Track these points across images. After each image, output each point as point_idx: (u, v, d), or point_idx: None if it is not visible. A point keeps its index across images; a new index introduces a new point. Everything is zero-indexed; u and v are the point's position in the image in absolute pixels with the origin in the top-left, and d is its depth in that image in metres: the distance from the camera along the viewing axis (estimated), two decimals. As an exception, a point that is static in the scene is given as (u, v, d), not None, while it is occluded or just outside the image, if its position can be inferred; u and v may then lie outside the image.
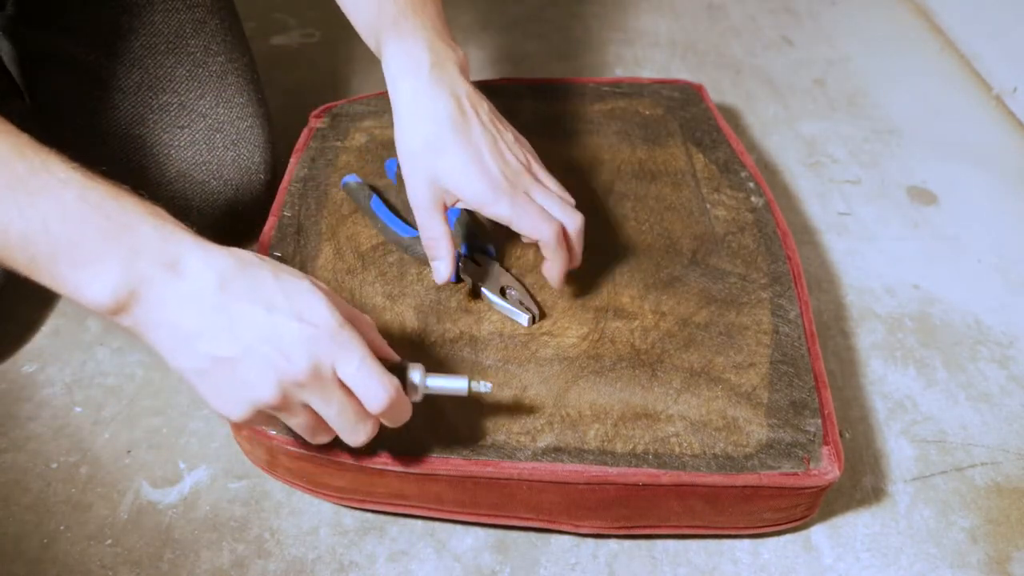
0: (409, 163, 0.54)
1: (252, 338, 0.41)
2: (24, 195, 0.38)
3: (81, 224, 0.39)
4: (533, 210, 0.54)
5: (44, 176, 0.39)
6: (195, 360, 0.41)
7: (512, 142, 0.56)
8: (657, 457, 0.51)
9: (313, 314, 0.42)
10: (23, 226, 0.39)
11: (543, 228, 0.54)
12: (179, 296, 0.41)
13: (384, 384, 0.43)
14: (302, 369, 0.41)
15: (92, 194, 0.40)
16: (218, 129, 0.73)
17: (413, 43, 0.54)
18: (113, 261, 0.40)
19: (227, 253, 0.42)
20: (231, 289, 0.41)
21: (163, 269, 0.40)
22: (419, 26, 0.54)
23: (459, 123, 0.53)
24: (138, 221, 0.40)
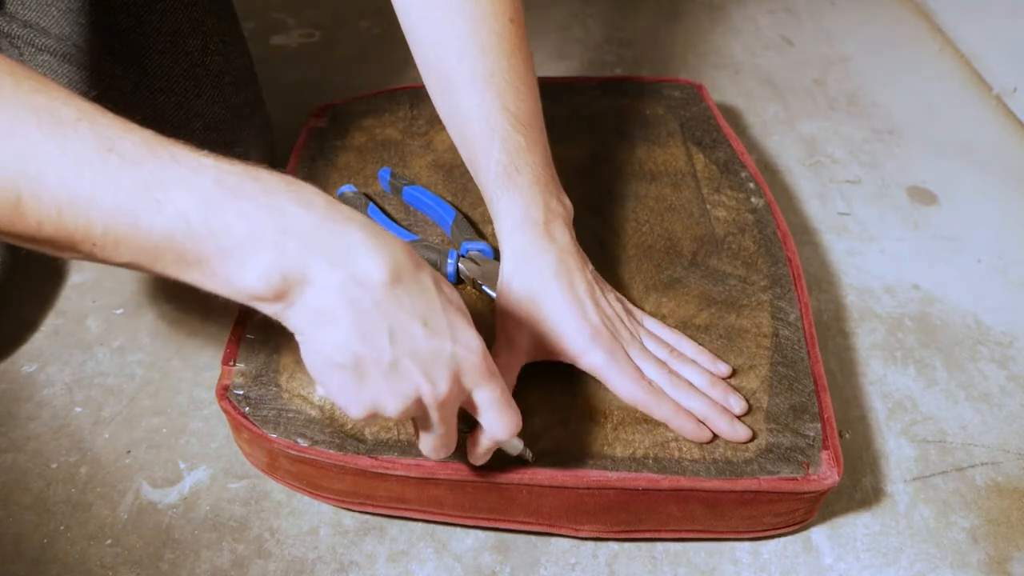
0: (512, 311, 0.54)
1: (406, 351, 0.39)
2: (160, 192, 0.36)
3: (222, 211, 0.36)
4: (628, 369, 0.53)
5: (177, 169, 0.36)
6: (338, 355, 0.39)
7: (613, 300, 0.57)
8: (657, 461, 0.51)
9: (468, 339, 0.42)
10: (164, 224, 0.36)
11: (633, 390, 0.53)
12: (337, 288, 0.38)
13: (516, 417, 0.45)
14: (443, 392, 0.41)
15: (230, 178, 0.37)
16: (215, 128, 0.73)
17: (531, 201, 0.54)
18: (261, 249, 0.37)
19: (395, 245, 0.40)
20: (398, 292, 0.39)
21: (317, 253, 0.37)
22: (532, 180, 0.55)
23: (563, 275, 0.53)
24: (285, 201, 0.37)
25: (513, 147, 0.55)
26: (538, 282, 0.53)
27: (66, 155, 0.35)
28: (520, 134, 0.56)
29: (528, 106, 0.57)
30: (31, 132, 0.35)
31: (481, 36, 0.57)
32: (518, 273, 0.54)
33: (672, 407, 0.53)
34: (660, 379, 0.54)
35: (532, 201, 0.54)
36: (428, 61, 0.60)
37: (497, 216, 0.55)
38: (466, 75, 0.57)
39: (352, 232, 0.38)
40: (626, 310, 0.58)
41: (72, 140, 0.35)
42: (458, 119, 0.58)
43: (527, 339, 0.54)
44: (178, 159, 0.37)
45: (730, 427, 0.52)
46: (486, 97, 0.56)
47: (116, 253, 0.37)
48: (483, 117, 0.56)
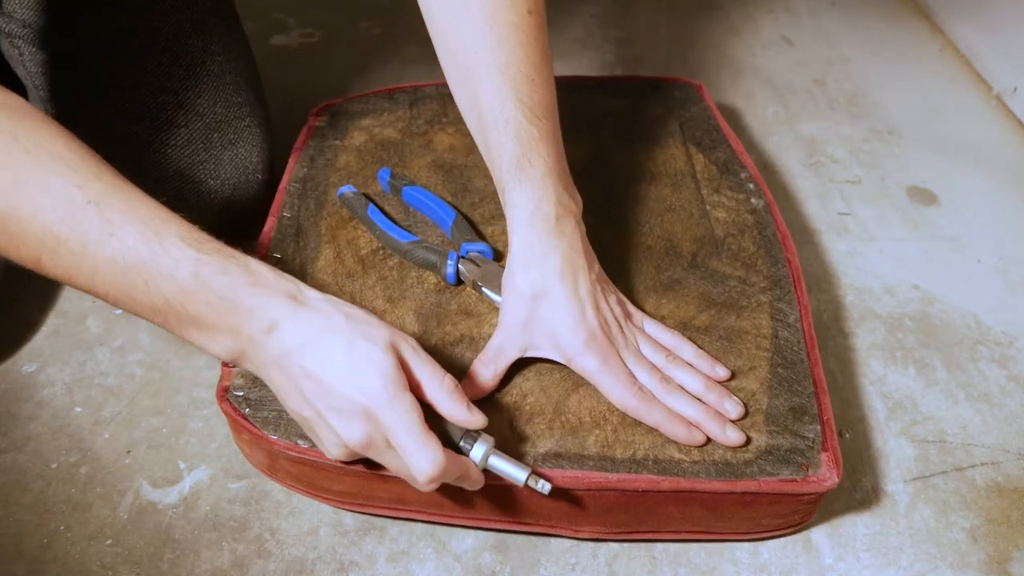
0: (513, 304, 0.55)
1: (321, 406, 0.46)
2: (148, 277, 0.45)
3: (196, 302, 0.45)
4: (620, 375, 0.54)
5: (163, 258, 0.44)
6: (290, 412, 0.49)
7: (615, 303, 0.57)
8: (657, 463, 0.51)
9: (368, 385, 0.45)
10: (151, 301, 0.45)
11: (624, 395, 0.53)
12: (272, 358, 0.46)
13: (426, 456, 0.45)
14: (358, 439, 0.46)
15: (204, 271, 0.45)
16: (215, 128, 0.73)
17: (542, 194, 0.55)
18: (225, 331, 0.46)
19: (315, 317, 0.47)
20: (308, 355, 0.46)
21: (262, 334, 0.46)
22: (545, 172, 0.55)
23: (567, 275, 0.54)
24: (243, 295, 0.46)
25: (527, 139, 0.55)
26: (542, 279, 0.54)
27: (75, 237, 0.44)
28: (534, 126, 0.56)
29: (543, 97, 0.58)
30: (47, 215, 0.44)
31: (498, 28, 0.57)
32: (524, 268, 0.54)
33: (663, 413, 0.53)
34: (652, 385, 0.54)
35: (544, 194, 0.55)
36: (446, 51, 0.60)
37: (508, 206, 0.56)
38: (482, 66, 0.57)
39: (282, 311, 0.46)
40: (626, 313, 0.58)
41: (81, 224, 0.44)
42: (474, 109, 0.59)
43: (524, 334, 0.55)
44: (166, 250, 0.45)
45: (721, 432, 0.53)
46: (501, 89, 0.56)
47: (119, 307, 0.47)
48: (498, 108, 0.56)
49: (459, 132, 0.79)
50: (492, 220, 0.69)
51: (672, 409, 0.54)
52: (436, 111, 0.82)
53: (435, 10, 0.60)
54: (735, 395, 0.55)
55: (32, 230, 0.44)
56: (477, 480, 0.49)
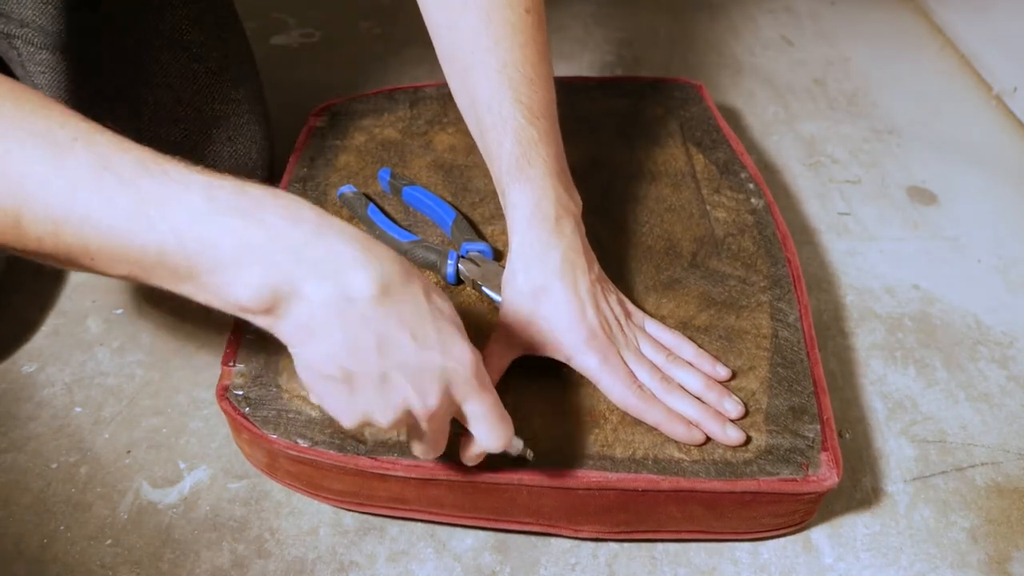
0: (513, 304, 0.54)
1: (394, 363, 0.40)
2: (153, 208, 0.37)
3: (212, 226, 0.37)
4: (620, 373, 0.54)
5: (169, 186, 0.37)
6: (328, 367, 0.40)
7: (615, 302, 0.57)
8: (657, 463, 0.51)
9: (458, 351, 0.42)
10: (158, 240, 0.37)
11: (624, 394, 0.53)
12: (326, 302, 0.38)
13: (507, 430, 0.45)
14: (432, 405, 0.42)
15: (220, 192, 0.38)
16: (214, 124, 0.73)
17: (542, 194, 0.54)
18: (252, 264, 0.37)
19: (384, 258, 0.40)
20: (386, 305, 0.39)
21: (306, 268, 0.38)
22: (544, 172, 0.55)
23: (567, 274, 0.53)
24: (273, 215, 0.38)
25: (526, 139, 0.55)
26: (541, 279, 0.54)
27: (62, 176, 0.36)
28: (533, 126, 0.56)
29: (541, 97, 0.57)
30: (29, 155, 0.36)
31: (495, 27, 0.57)
32: (524, 267, 0.54)
33: (662, 412, 0.53)
34: (652, 383, 0.54)
35: (544, 194, 0.55)
36: (445, 51, 0.60)
37: (508, 207, 0.56)
38: (480, 66, 0.57)
39: (341, 246, 0.39)
40: (626, 312, 0.58)
41: (68, 161, 0.37)
42: (473, 110, 0.59)
43: (524, 333, 0.54)
44: (170, 176, 0.37)
45: (722, 431, 0.52)
46: (499, 89, 0.56)
47: (112, 267, 0.38)
48: (496, 109, 0.56)
49: (459, 132, 0.79)
50: (492, 220, 0.69)
51: (672, 408, 0.54)
52: (436, 111, 0.82)
53: (433, 10, 0.60)
54: (735, 395, 0.55)
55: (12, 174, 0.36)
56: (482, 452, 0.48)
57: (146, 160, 0.38)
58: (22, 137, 0.37)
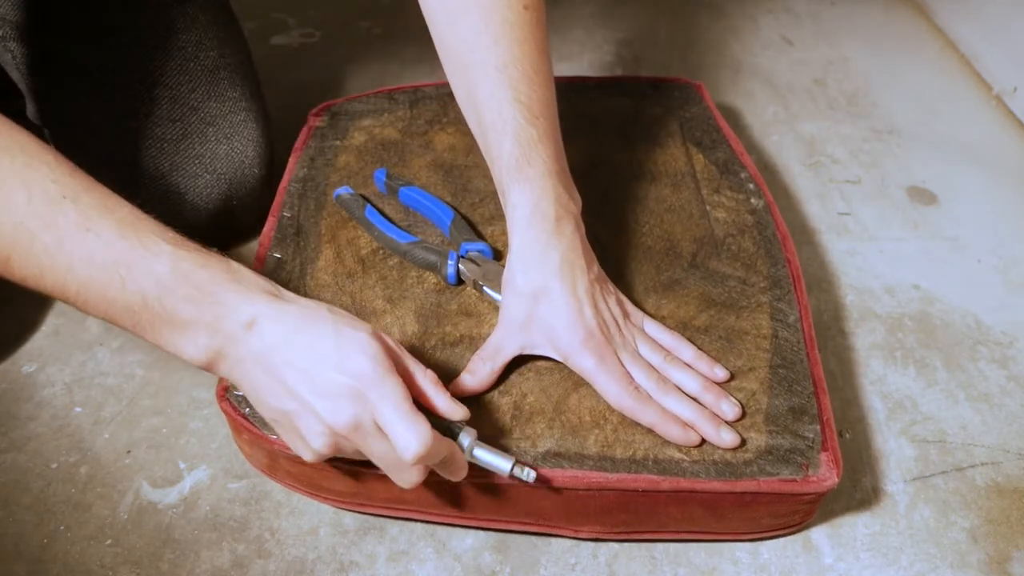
0: (512, 303, 0.55)
1: (306, 394, 0.45)
2: (126, 272, 0.43)
3: (174, 297, 0.44)
4: (616, 374, 0.54)
5: (141, 252, 0.44)
6: (267, 411, 0.47)
7: (614, 303, 0.57)
8: (657, 463, 0.51)
9: (356, 366, 0.45)
10: (126, 300, 0.44)
11: (619, 395, 0.54)
12: (252, 355, 0.45)
13: (414, 432, 0.44)
14: (346, 420, 0.45)
15: (183, 264, 0.44)
16: (210, 123, 0.73)
17: (541, 194, 0.55)
18: (202, 327, 0.45)
19: (297, 310, 0.46)
20: (291, 346, 0.45)
21: (242, 329, 0.45)
22: (544, 173, 0.55)
23: (566, 275, 0.54)
24: (223, 289, 0.45)
25: (526, 139, 0.56)
26: (540, 279, 0.54)
27: (51, 232, 0.42)
28: (532, 126, 0.56)
29: (541, 95, 0.57)
30: (22, 209, 0.42)
31: (494, 26, 0.57)
32: (523, 268, 0.54)
33: (658, 413, 0.53)
34: (648, 384, 0.54)
35: (543, 194, 0.55)
36: (445, 49, 0.60)
37: (508, 207, 0.56)
38: (479, 65, 0.57)
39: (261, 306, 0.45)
40: (624, 313, 0.58)
41: (58, 219, 0.42)
42: (473, 108, 0.59)
43: (523, 332, 0.55)
44: (144, 243, 0.44)
45: (716, 433, 0.53)
46: (499, 88, 0.56)
47: (87, 310, 0.45)
48: (496, 108, 0.56)
49: (459, 132, 0.79)
50: (492, 220, 0.69)
51: (668, 409, 0.54)
52: (436, 111, 0.82)
53: (433, 7, 0.60)
54: (734, 395, 0.55)
55: (5, 224, 0.42)
56: (462, 467, 0.49)
57: (125, 224, 0.44)
58: (16, 193, 0.42)
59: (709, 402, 0.55)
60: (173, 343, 0.46)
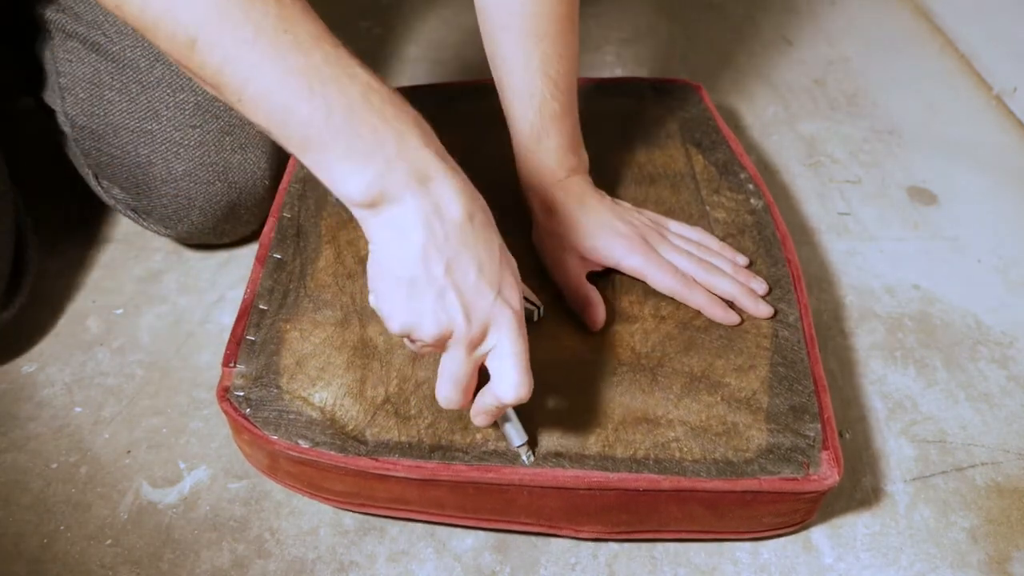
0: (550, 247, 0.63)
1: (455, 284, 0.44)
2: (317, 82, 0.41)
3: (359, 121, 0.41)
4: (663, 265, 0.61)
5: (337, 68, 0.41)
6: (399, 268, 0.44)
7: (637, 214, 0.65)
8: (658, 462, 0.51)
9: (510, 296, 0.46)
10: (309, 111, 0.41)
11: (670, 282, 0.61)
12: (421, 211, 0.43)
13: (525, 384, 0.46)
14: (473, 331, 0.45)
15: (375, 95, 0.42)
16: (228, 132, 0.73)
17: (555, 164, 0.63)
18: (375, 163, 0.42)
19: (473, 195, 0.45)
20: (467, 231, 0.44)
21: (416, 180, 0.43)
22: (559, 144, 0.63)
23: (583, 207, 0.63)
24: (409, 131, 0.43)
25: (548, 113, 0.61)
26: (564, 222, 0.62)
27: (247, 24, 0.39)
28: (556, 101, 0.61)
29: (567, 68, 0.62)
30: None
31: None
32: (548, 220, 0.63)
33: (704, 295, 0.60)
34: (691, 269, 0.61)
35: (556, 164, 0.63)
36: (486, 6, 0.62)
37: (522, 170, 0.64)
38: (517, 32, 0.60)
39: (449, 175, 0.44)
40: (651, 219, 0.66)
41: (257, 11, 0.40)
42: (502, 70, 0.63)
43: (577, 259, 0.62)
44: (341, 61, 0.42)
45: (754, 305, 0.61)
46: (532, 61, 0.60)
47: (254, 113, 0.42)
48: (526, 79, 0.61)
49: (458, 133, 0.78)
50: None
51: (713, 287, 0.61)
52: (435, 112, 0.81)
53: None
54: (735, 396, 0.55)
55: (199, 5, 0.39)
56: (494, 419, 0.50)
57: (322, 38, 0.41)
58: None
59: (742, 280, 0.62)
60: (339, 171, 0.42)
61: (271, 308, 0.61)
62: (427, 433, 0.53)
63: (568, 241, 0.62)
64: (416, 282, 0.44)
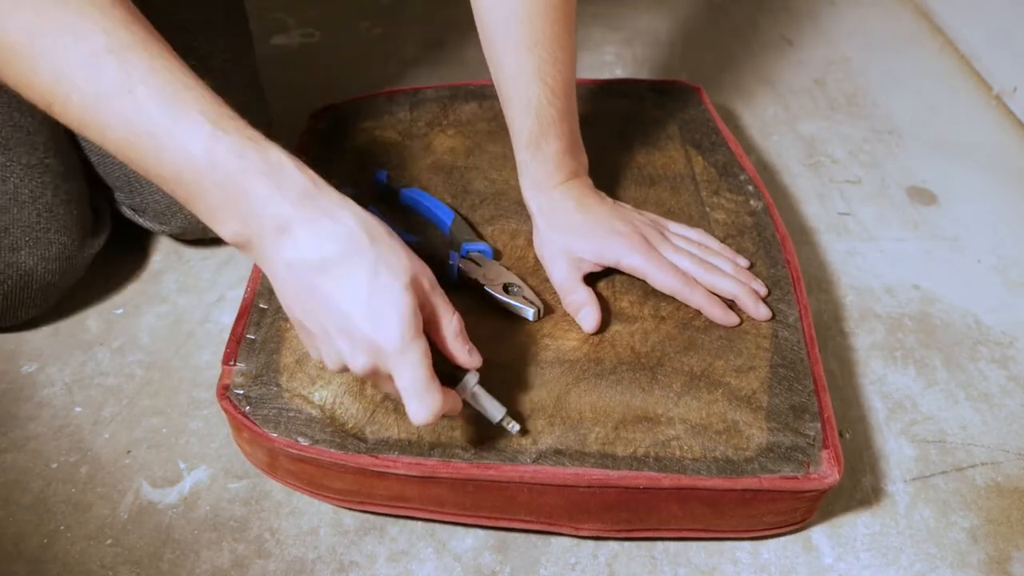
0: (549, 249, 0.63)
1: (330, 327, 0.45)
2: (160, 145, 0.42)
3: (205, 181, 0.42)
4: (664, 265, 0.61)
5: (177, 129, 0.41)
6: (288, 312, 0.47)
7: (639, 215, 0.65)
8: (658, 460, 0.51)
9: (386, 327, 0.44)
10: (159, 171, 0.43)
11: (670, 281, 0.60)
12: (283, 261, 0.44)
13: (425, 406, 0.45)
14: (360, 368, 0.45)
15: (220, 148, 0.42)
16: None
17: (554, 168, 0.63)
18: (233, 216, 0.43)
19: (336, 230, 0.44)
20: (327, 275, 0.44)
21: (273, 232, 0.43)
22: (558, 149, 0.63)
23: (582, 208, 0.63)
24: (254, 184, 0.43)
25: (546, 119, 0.61)
26: (564, 221, 0.62)
27: (88, 87, 0.41)
28: (553, 106, 0.61)
29: (564, 74, 0.62)
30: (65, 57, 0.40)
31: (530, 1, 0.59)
32: (548, 223, 0.63)
33: (704, 295, 0.60)
34: (692, 268, 0.61)
35: (556, 168, 0.63)
36: (480, 18, 0.62)
37: (523, 176, 0.64)
38: (511, 41, 0.60)
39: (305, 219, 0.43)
40: (652, 220, 0.66)
41: (98, 73, 0.40)
42: (499, 76, 0.63)
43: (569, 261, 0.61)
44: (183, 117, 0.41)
45: (755, 306, 0.60)
46: (527, 68, 0.61)
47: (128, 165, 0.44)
48: (522, 85, 0.61)
49: (459, 134, 0.79)
50: (492, 220, 0.69)
51: (713, 287, 0.61)
52: (436, 113, 0.82)
53: None
54: (735, 395, 0.55)
55: (47, 69, 0.41)
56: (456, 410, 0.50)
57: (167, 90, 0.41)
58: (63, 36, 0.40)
59: (744, 279, 0.62)
60: (209, 221, 0.45)
61: (271, 307, 0.61)
62: (426, 430, 0.53)
63: (568, 242, 0.62)
64: (303, 324, 0.47)
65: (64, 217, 0.67)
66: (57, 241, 0.66)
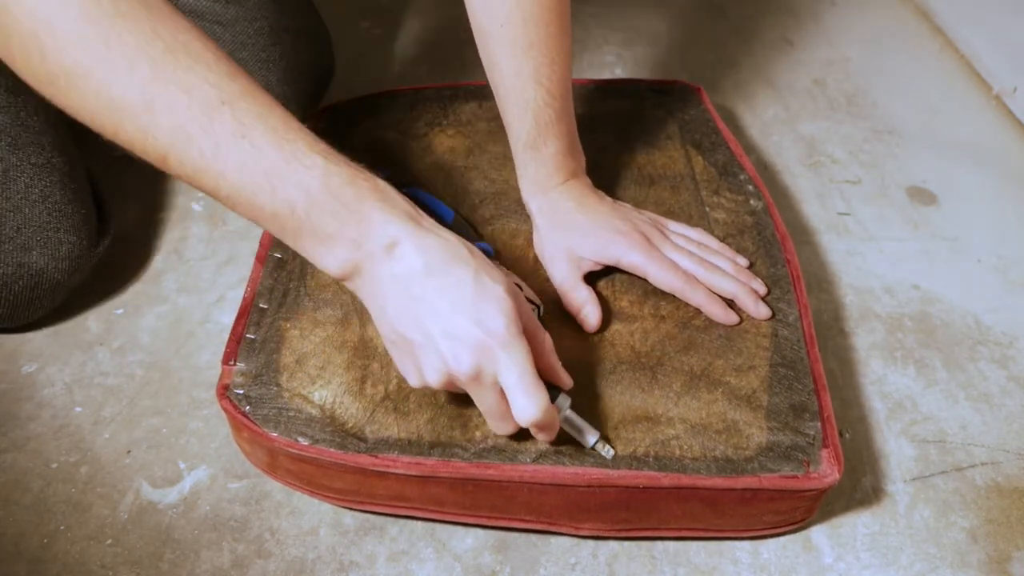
0: (549, 248, 0.63)
1: (434, 331, 0.46)
2: (277, 181, 0.44)
3: (321, 210, 0.45)
4: (664, 263, 0.61)
5: (293, 163, 0.44)
6: (390, 333, 0.49)
7: (638, 214, 0.65)
8: (657, 460, 0.51)
9: (491, 322, 0.46)
10: (274, 208, 0.45)
11: (670, 279, 0.61)
12: (390, 277, 0.46)
13: (534, 402, 0.46)
14: (466, 370, 0.46)
15: (333, 179, 0.45)
16: None
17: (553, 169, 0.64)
18: (344, 242, 0.46)
19: (440, 244, 0.47)
20: (432, 280, 0.46)
21: (383, 250, 0.46)
22: (556, 150, 0.63)
23: (582, 208, 0.63)
24: (369, 208, 0.46)
25: (543, 120, 0.62)
26: (563, 221, 0.63)
27: (207, 137, 0.43)
28: (551, 107, 0.62)
29: (560, 75, 0.62)
30: (183, 113, 0.43)
31: (524, 4, 0.59)
32: (548, 223, 0.63)
33: (704, 293, 0.60)
34: (692, 267, 0.62)
35: (555, 169, 0.64)
36: (476, 20, 0.62)
37: (522, 177, 0.65)
38: (506, 43, 0.61)
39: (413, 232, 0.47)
40: (652, 219, 0.66)
41: (215, 124, 0.43)
42: (495, 79, 0.63)
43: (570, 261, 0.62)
44: (297, 155, 0.45)
45: (755, 306, 0.61)
46: (523, 70, 0.61)
47: (236, 210, 0.46)
48: (518, 87, 0.61)
49: (459, 134, 0.79)
50: (492, 220, 0.69)
51: (713, 286, 0.61)
52: (436, 113, 0.82)
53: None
54: (735, 394, 0.55)
55: (165, 125, 0.43)
56: (555, 429, 0.50)
57: (279, 133, 0.45)
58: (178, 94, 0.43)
59: (744, 279, 0.62)
60: (314, 253, 0.47)
61: (271, 307, 0.61)
62: (427, 429, 0.53)
63: (569, 242, 0.62)
64: (404, 340, 0.48)
65: (73, 216, 0.67)
66: (67, 240, 0.67)
